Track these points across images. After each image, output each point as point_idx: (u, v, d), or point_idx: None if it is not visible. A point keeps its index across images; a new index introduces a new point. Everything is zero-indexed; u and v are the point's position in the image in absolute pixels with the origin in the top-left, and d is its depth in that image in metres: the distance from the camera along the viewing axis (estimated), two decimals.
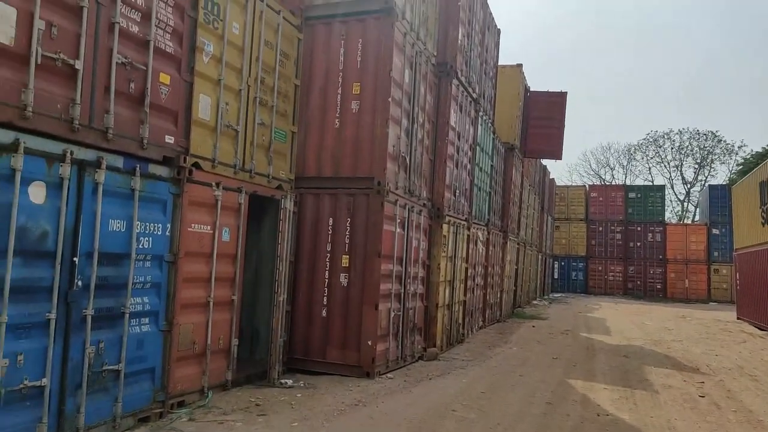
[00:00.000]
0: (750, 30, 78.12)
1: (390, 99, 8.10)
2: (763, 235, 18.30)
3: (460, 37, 10.91)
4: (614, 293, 35.22)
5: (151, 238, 5.52)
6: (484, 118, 13.66)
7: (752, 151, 45.36)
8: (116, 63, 5.03)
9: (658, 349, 12.51)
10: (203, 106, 6.43)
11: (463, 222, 11.87)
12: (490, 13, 14.18)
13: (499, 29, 15.16)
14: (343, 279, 8.07)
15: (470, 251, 12.53)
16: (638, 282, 35.40)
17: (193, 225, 6.17)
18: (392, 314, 8.39)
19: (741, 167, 44.92)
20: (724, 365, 10.64)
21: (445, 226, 10.40)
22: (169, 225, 5.76)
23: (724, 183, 40.87)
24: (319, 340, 8.07)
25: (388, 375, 8.09)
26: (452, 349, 10.96)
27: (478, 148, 13.03)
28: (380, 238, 7.93)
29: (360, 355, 7.84)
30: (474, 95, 12.31)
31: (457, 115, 11.06)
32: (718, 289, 33.79)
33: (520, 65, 17.86)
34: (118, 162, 5.10)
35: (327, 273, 8.15)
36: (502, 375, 8.61)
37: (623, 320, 19.38)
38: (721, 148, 51.00)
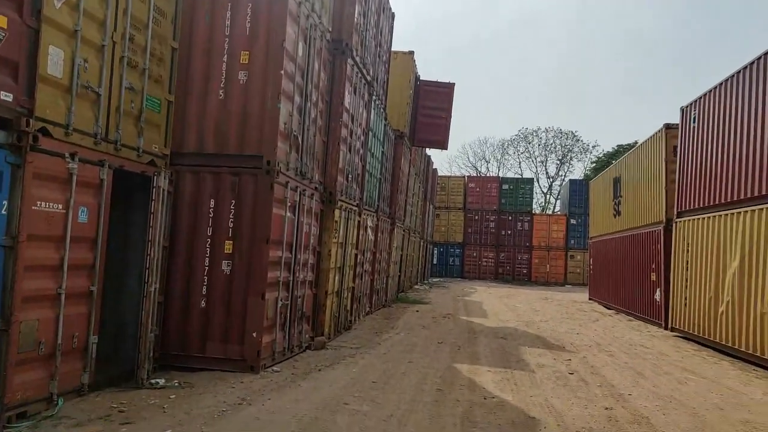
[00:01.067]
0: (607, 37, 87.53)
1: (282, 72, 7.47)
2: (614, 225, 20.58)
3: (356, 14, 10.49)
4: (487, 278, 37.66)
5: None
6: (377, 102, 13.45)
7: (604, 150, 51.37)
8: None
9: (529, 329, 13.38)
10: (54, 60, 5.36)
11: (354, 208, 11.58)
12: None
13: (393, 13, 14.99)
14: (225, 266, 7.35)
15: (360, 237, 12.31)
16: (508, 267, 38.20)
17: (39, 203, 5.14)
18: (280, 303, 7.85)
19: (594, 164, 50.61)
20: (585, 343, 11.65)
21: (337, 212, 10.02)
22: (5, 202, 4.72)
23: (581, 178, 45.52)
24: (197, 334, 7.29)
25: (274, 368, 7.56)
26: (340, 337, 10.69)
27: (370, 133, 12.79)
28: (269, 223, 7.33)
29: (244, 348, 7.22)
30: (368, 78, 12.01)
31: (352, 97, 10.68)
32: (573, 273, 37.72)
33: (411, 53, 17.93)
34: None
35: (207, 260, 7.37)
36: (392, 362, 8.51)
37: (497, 303, 20.62)
38: (578, 146, 56.92)
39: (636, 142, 44.11)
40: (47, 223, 5.26)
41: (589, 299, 24.15)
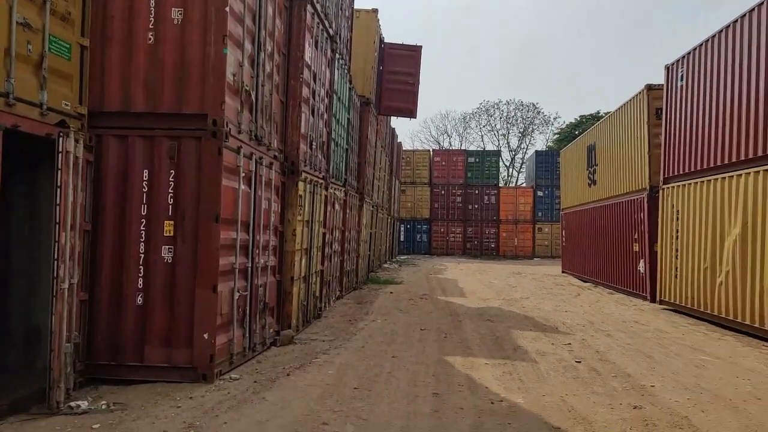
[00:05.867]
0: (567, 14, 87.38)
1: (228, 9, 5.99)
2: (590, 195, 19.87)
3: None
4: (455, 253, 36.99)
5: None
6: (341, 62, 12.00)
7: (565, 122, 51.33)
8: None
9: (514, 309, 12.45)
10: None
11: (320, 180, 10.21)
12: None
13: None
14: (166, 252, 5.93)
15: (328, 214, 10.99)
16: (476, 242, 37.60)
17: None
18: (237, 295, 6.49)
19: (557, 136, 50.53)
20: (577, 322, 10.75)
21: (301, 184, 8.65)
22: None
23: (546, 149, 45.14)
24: (133, 338, 5.88)
25: (233, 374, 6.24)
26: (310, 328, 9.43)
27: (335, 96, 11.38)
28: (219, 197, 5.93)
29: (194, 353, 5.87)
30: (330, 31, 10.54)
31: (313, 51, 9.23)
32: (541, 245, 37.41)
33: (375, 10, 16.39)
34: None
35: (143, 246, 5.93)
36: (373, 359, 7.29)
37: (471, 280, 19.76)
38: (540, 119, 56.75)
39: (599, 112, 44.04)
40: None
41: (563, 272, 23.63)
